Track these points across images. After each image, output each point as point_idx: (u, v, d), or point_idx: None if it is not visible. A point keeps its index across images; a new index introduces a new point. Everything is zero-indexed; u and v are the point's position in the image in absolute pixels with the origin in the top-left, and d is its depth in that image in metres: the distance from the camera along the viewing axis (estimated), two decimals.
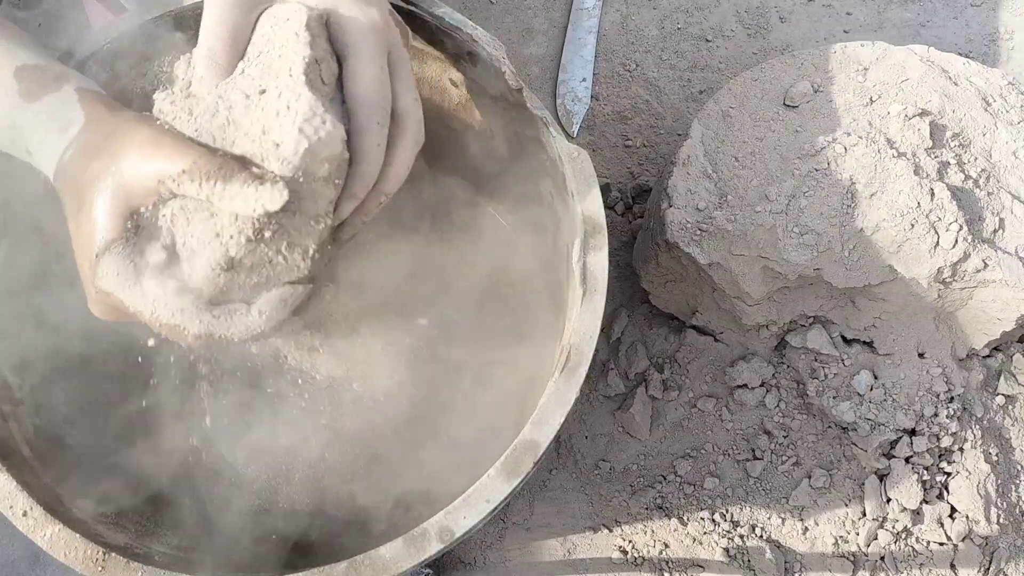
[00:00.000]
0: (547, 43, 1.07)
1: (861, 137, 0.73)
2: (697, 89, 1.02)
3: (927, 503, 0.77)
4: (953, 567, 0.76)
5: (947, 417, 0.75)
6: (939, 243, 0.70)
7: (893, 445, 0.77)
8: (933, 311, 0.75)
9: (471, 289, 0.70)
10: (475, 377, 0.66)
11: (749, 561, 0.77)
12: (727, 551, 0.78)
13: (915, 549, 0.77)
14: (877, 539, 0.77)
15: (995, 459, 0.77)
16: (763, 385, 0.81)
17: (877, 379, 0.77)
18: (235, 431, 0.63)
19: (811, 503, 0.78)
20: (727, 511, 0.79)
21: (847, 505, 0.78)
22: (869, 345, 0.78)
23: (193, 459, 0.65)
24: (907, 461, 0.77)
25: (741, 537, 0.78)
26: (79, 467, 0.58)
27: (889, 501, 0.77)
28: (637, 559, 0.79)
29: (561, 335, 0.59)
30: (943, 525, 0.76)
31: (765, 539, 0.78)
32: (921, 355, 0.77)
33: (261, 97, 0.45)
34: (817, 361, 0.79)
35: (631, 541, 0.79)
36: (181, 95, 0.48)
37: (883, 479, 0.77)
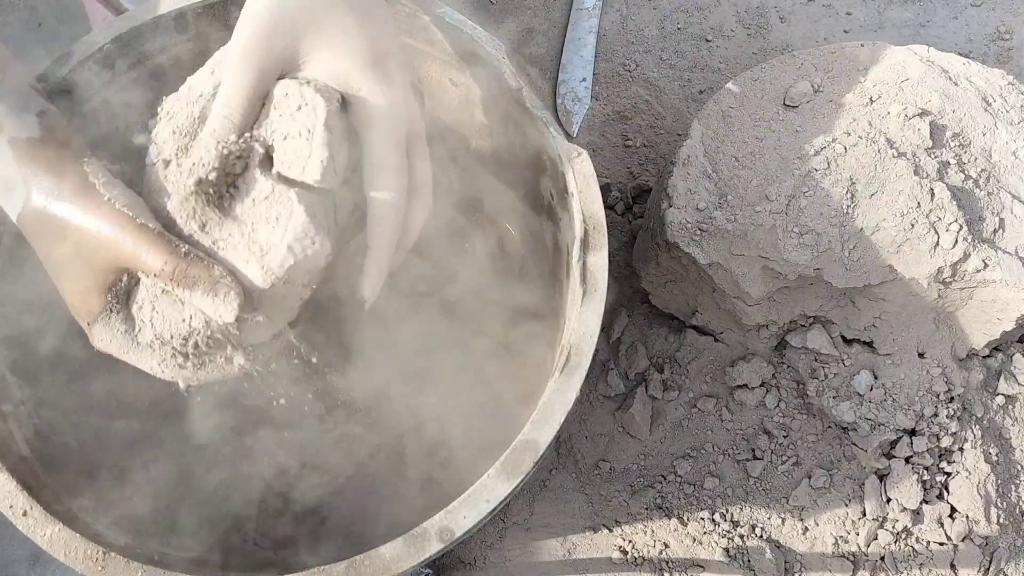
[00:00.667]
0: (547, 43, 1.07)
1: (861, 137, 0.73)
2: (697, 89, 1.02)
3: (927, 503, 0.77)
4: (953, 567, 0.76)
5: (947, 417, 0.75)
6: (939, 243, 0.70)
7: (893, 445, 0.77)
8: (933, 311, 0.75)
9: (469, 289, 0.70)
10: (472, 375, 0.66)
11: (749, 561, 0.77)
12: (727, 551, 0.78)
13: (915, 549, 0.77)
14: (877, 539, 0.77)
15: (995, 459, 0.77)
16: (763, 385, 0.81)
17: (877, 379, 0.77)
18: (236, 429, 0.63)
19: (811, 503, 0.78)
20: (727, 511, 0.79)
21: (847, 505, 0.78)
22: (869, 345, 0.78)
23: (194, 459, 0.65)
24: (907, 461, 0.77)
25: (741, 537, 0.78)
26: (79, 467, 0.58)
27: (889, 501, 0.77)
28: (637, 559, 0.79)
29: (561, 335, 0.59)
30: (943, 525, 0.76)
31: (765, 539, 0.78)
32: (921, 355, 0.77)
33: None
34: (817, 361, 0.79)
35: (631, 541, 0.79)
36: (183, 139, 0.47)
37: (883, 479, 0.77)
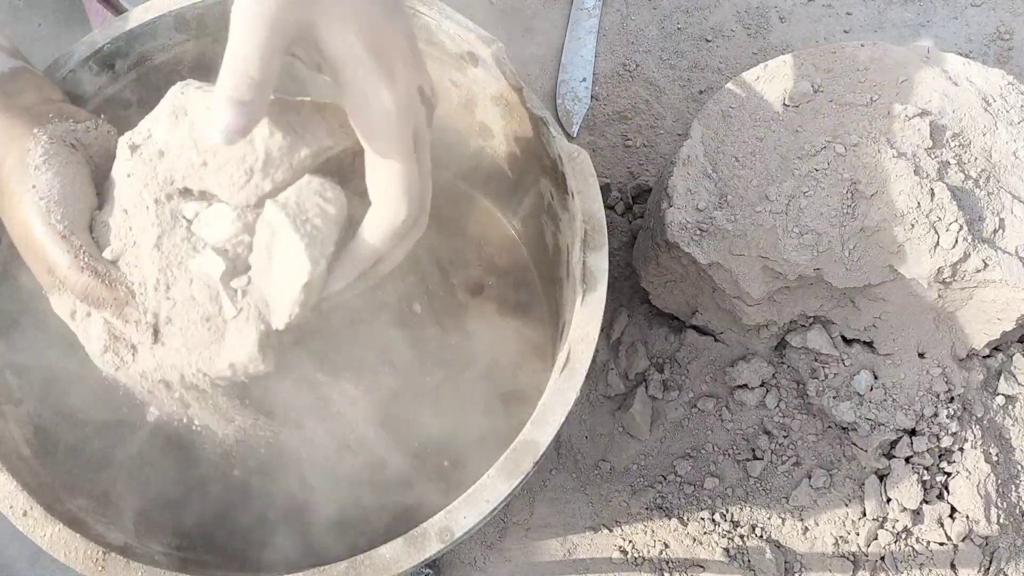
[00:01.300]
0: (547, 43, 1.06)
1: (861, 137, 0.73)
2: (697, 89, 1.02)
3: (927, 503, 0.77)
4: (953, 567, 0.76)
5: (947, 417, 0.75)
6: (939, 243, 0.70)
7: (893, 445, 0.77)
8: (933, 311, 0.75)
9: (468, 289, 0.70)
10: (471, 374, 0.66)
11: (749, 561, 0.77)
12: (727, 551, 0.78)
13: (915, 549, 0.77)
14: (877, 539, 0.77)
15: (995, 459, 0.77)
16: (763, 385, 0.81)
17: (877, 379, 0.77)
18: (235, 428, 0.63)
19: (811, 503, 0.78)
20: (727, 511, 0.79)
21: (847, 505, 0.78)
22: (869, 345, 0.78)
23: (194, 458, 0.65)
24: (907, 461, 0.77)
25: (741, 537, 0.78)
26: (79, 467, 0.58)
27: (889, 501, 0.77)
28: (637, 559, 0.79)
29: (561, 335, 0.59)
30: (943, 525, 0.76)
31: (765, 539, 0.78)
32: (921, 355, 0.77)
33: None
34: (817, 361, 0.79)
35: (631, 541, 0.79)
36: (188, 135, 0.45)
37: (883, 479, 0.77)
